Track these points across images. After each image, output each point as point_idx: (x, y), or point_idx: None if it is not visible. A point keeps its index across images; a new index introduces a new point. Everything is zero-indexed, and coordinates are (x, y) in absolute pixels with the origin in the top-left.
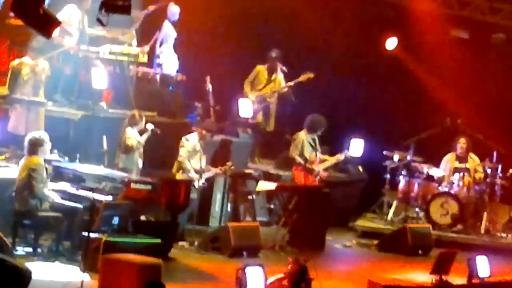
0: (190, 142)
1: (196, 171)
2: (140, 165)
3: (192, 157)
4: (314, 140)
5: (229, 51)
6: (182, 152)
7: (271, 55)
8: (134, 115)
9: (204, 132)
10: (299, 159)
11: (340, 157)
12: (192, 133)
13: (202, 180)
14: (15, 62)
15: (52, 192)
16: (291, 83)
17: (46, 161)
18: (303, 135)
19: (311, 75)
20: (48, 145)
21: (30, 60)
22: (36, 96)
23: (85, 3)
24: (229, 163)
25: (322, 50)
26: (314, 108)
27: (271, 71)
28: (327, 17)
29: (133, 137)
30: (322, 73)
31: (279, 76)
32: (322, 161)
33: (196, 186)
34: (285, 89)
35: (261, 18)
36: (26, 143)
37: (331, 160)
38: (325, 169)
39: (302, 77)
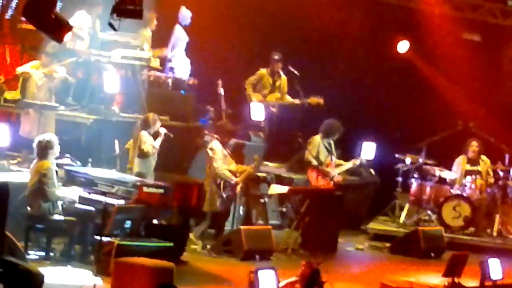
0: (217, 150)
1: (234, 175)
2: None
3: (225, 163)
4: (329, 144)
5: (241, 55)
6: (217, 164)
7: (273, 57)
8: (147, 118)
9: (219, 136)
10: (314, 162)
11: (356, 162)
12: (213, 141)
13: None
14: (27, 66)
15: (65, 191)
16: (298, 101)
17: (58, 165)
18: (318, 139)
19: (320, 100)
20: (57, 147)
21: (43, 64)
22: (48, 101)
23: (96, 9)
24: (256, 157)
25: (334, 53)
26: (325, 111)
27: (273, 74)
28: (339, 21)
29: (149, 142)
30: (333, 77)
31: (283, 78)
32: (337, 165)
33: (238, 189)
34: (292, 103)
35: (273, 23)
36: (35, 146)
37: (347, 165)
38: (340, 173)
39: (311, 100)
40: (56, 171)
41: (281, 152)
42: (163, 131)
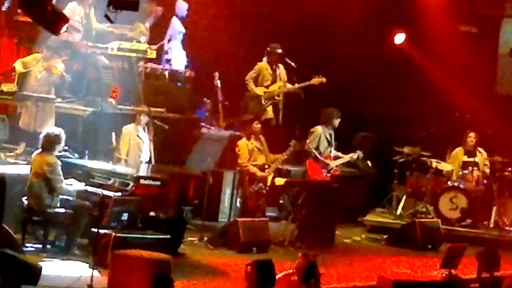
0: (241, 147)
1: (262, 169)
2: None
3: (252, 158)
4: (330, 135)
5: (237, 47)
6: (241, 160)
7: (271, 48)
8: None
9: (243, 132)
10: (314, 152)
11: (354, 156)
12: (241, 139)
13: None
14: (25, 59)
15: (69, 185)
16: (302, 85)
17: (57, 156)
18: (320, 130)
19: (323, 79)
20: (63, 143)
21: (44, 58)
22: (47, 93)
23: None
24: (291, 143)
25: (331, 45)
26: (322, 103)
27: (272, 64)
28: (335, 12)
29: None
30: (331, 69)
31: (281, 67)
32: (336, 157)
33: (269, 183)
34: (295, 88)
35: (269, 14)
36: (42, 139)
37: (345, 158)
38: (337, 166)
39: (314, 80)
40: (60, 166)
41: (278, 143)
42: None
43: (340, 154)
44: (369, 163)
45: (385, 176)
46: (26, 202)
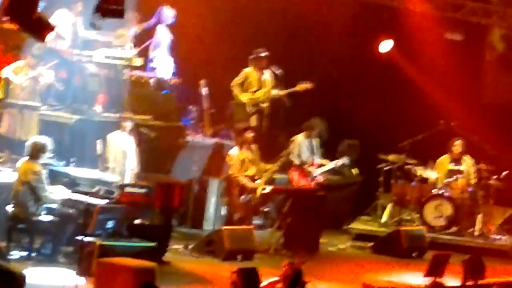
0: (233, 156)
1: (252, 179)
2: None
3: (242, 168)
4: (312, 144)
5: (224, 55)
6: (232, 171)
7: (256, 53)
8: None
9: (239, 142)
10: (296, 161)
11: (338, 162)
12: (232, 148)
13: (262, 188)
14: (11, 67)
15: (55, 192)
16: (287, 91)
17: (42, 164)
18: (300, 138)
19: (308, 85)
20: (49, 153)
21: (29, 65)
22: (32, 101)
23: (75, 7)
24: (282, 153)
25: (316, 52)
26: (308, 111)
27: (258, 70)
28: (321, 19)
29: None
30: (316, 76)
31: (267, 76)
32: (320, 165)
33: (257, 195)
34: (280, 95)
35: (256, 22)
36: (29, 146)
37: (329, 165)
38: (321, 173)
39: (299, 87)
40: (46, 173)
41: (262, 151)
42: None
43: (325, 161)
44: (354, 171)
45: (370, 184)
46: (11, 210)
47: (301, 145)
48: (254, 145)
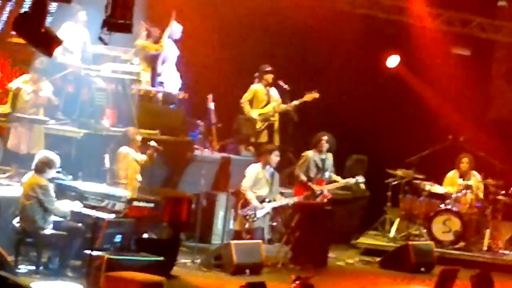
0: (250, 171)
1: (262, 200)
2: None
3: (256, 186)
4: (323, 160)
5: (231, 69)
6: (243, 182)
7: (264, 69)
8: (128, 131)
9: (263, 162)
10: (302, 177)
11: (351, 181)
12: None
13: (266, 210)
14: (17, 81)
15: (64, 205)
16: (296, 102)
17: (48, 179)
18: (310, 154)
19: (316, 95)
20: (56, 169)
21: (32, 80)
22: (35, 115)
23: (80, 16)
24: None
25: (324, 68)
26: (316, 126)
27: (265, 85)
28: (329, 34)
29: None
30: (324, 91)
31: (273, 90)
32: (332, 182)
33: (258, 215)
34: (289, 108)
35: (263, 37)
36: (36, 160)
37: (340, 183)
38: (330, 190)
39: (307, 97)
40: (53, 188)
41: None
42: (152, 144)
43: (338, 178)
44: (363, 185)
45: (378, 198)
46: (18, 224)
47: (311, 161)
48: (277, 173)
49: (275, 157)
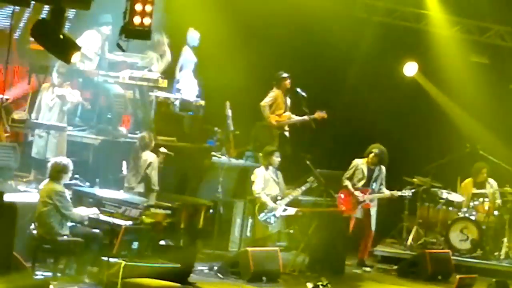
0: (258, 174)
1: (275, 200)
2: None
3: (266, 187)
4: (371, 170)
5: (249, 77)
6: (254, 188)
7: (281, 76)
8: (144, 137)
9: (267, 163)
10: (346, 182)
11: (395, 194)
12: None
13: (282, 207)
14: (43, 86)
15: (81, 211)
16: (306, 118)
17: (66, 186)
18: (358, 162)
19: (324, 115)
20: (70, 173)
21: (56, 84)
22: (60, 121)
23: (104, 30)
24: (309, 180)
25: (342, 75)
26: (332, 134)
27: (284, 92)
28: (347, 42)
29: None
30: (341, 99)
31: (288, 99)
32: (374, 192)
33: (277, 215)
34: (300, 121)
35: (280, 45)
36: (50, 167)
37: (386, 194)
38: (372, 200)
39: (317, 115)
40: (70, 194)
41: (287, 174)
42: (163, 150)
43: (385, 190)
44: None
45: (395, 206)
46: (35, 231)
47: (357, 168)
48: (279, 172)
49: (276, 158)
